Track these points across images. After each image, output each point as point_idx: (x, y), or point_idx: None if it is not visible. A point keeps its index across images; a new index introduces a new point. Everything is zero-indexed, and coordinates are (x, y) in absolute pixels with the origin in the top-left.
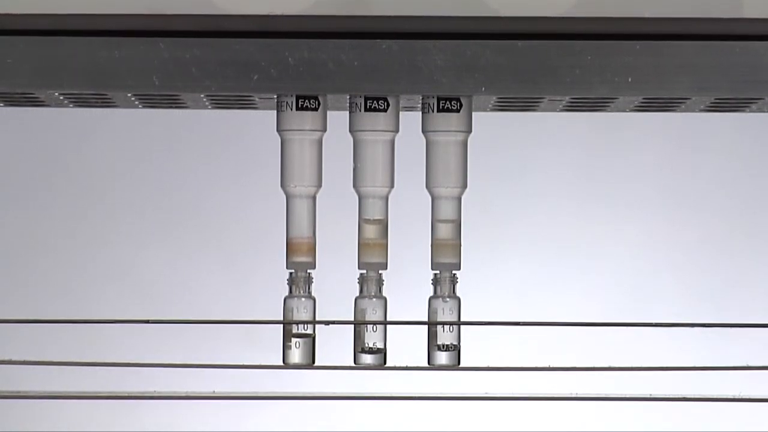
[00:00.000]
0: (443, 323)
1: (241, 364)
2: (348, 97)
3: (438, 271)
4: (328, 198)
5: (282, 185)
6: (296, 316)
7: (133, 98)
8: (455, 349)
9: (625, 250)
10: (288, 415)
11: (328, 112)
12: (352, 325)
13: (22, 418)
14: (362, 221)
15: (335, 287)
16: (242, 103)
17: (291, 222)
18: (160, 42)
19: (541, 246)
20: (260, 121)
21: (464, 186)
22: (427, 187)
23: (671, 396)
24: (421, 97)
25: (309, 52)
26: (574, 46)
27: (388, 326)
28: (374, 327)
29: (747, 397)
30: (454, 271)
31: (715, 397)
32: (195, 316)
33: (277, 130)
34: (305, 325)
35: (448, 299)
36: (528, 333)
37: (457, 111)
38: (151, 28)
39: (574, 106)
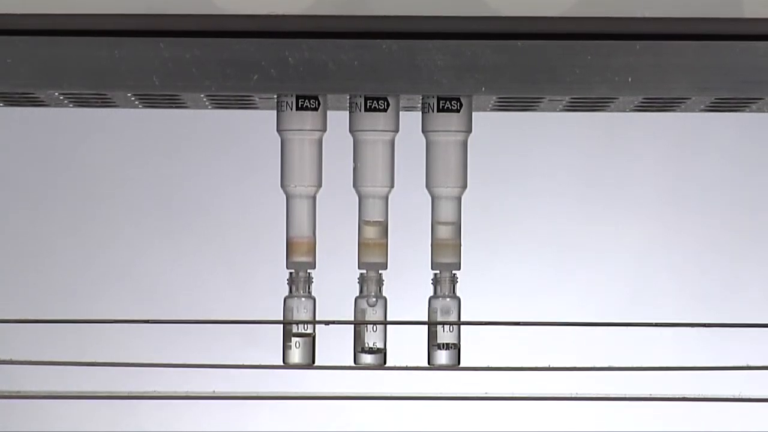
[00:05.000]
0: (443, 323)
1: (241, 364)
2: (348, 97)
3: (438, 271)
4: (328, 198)
5: (282, 185)
6: (296, 316)
7: (133, 98)
8: (455, 347)
9: (625, 250)
10: (288, 415)
11: (328, 112)
12: (352, 325)
13: (22, 418)
14: (362, 222)
15: (335, 287)
16: (242, 103)
17: (291, 222)
18: (160, 42)
19: (541, 246)
20: (260, 121)
21: (464, 186)
22: (427, 187)
23: (671, 396)
24: (421, 97)
25: (309, 52)
26: (574, 46)
27: (388, 326)
28: (374, 327)
29: (747, 397)
30: (454, 271)
31: (715, 397)
32: (195, 316)
33: (277, 130)
34: (305, 325)
35: (448, 299)
36: (528, 333)
37: (457, 111)
38: (151, 28)
39: (574, 106)
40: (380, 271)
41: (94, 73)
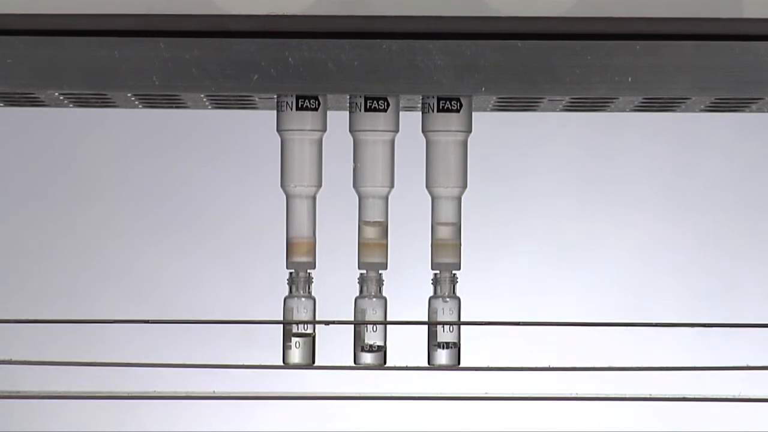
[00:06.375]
0: (443, 323)
1: (241, 364)
2: (348, 97)
3: (438, 271)
4: (328, 198)
5: (282, 185)
6: (296, 316)
7: (133, 98)
8: (455, 347)
9: (625, 250)
10: (288, 415)
11: (328, 112)
12: (352, 325)
13: (22, 418)
14: (362, 222)
15: (335, 287)
16: (242, 103)
17: (291, 222)
18: (160, 42)
19: (541, 246)
20: (260, 121)
21: (464, 186)
22: (427, 187)
23: (671, 396)
24: (421, 97)
25: (309, 52)
26: (574, 46)
27: (388, 326)
28: (374, 327)
29: (747, 397)
30: (454, 271)
31: (715, 397)
32: (195, 316)
33: (277, 130)
34: (305, 325)
35: (448, 299)
36: (528, 333)
37: (457, 111)
38: (151, 28)
39: (574, 106)
40: (380, 271)
41: (94, 73)
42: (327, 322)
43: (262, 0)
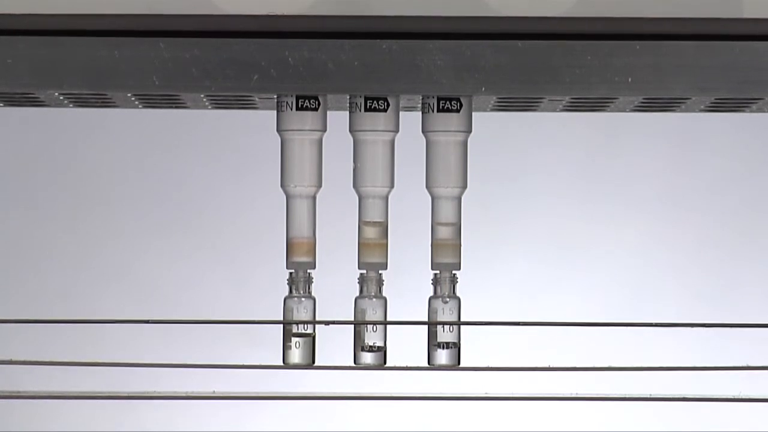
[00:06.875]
0: (443, 323)
1: (241, 364)
2: (348, 97)
3: (438, 271)
4: (328, 198)
5: (282, 185)
6: (296, 316)
7: (133, 98)
8: (455, 347)
9: (625, 250)
10: (288, 415)
11: (328, 112)
12: (352, 325)
13: (22, 418)
14: (362, 222)
15: (335, 287)
16: (242, 103)
17: (291, 222)
18: (160, 42)
19: (541, 246)
20: (260, 121)
21: (464, 186)
22: (427, 187)
23: (671, 396)
24: (421, 97)
25: (309, 52)
26: (574, 46)
27: (388, 326)
28: (374, 327)
29: (747, 397)
30: (454, 271)
31: (715, 397)
32: (195, 316)
33: (277, 130)
34: (305, 325)
35: (448, 299)
36: (528, 333)
37: (457, 111)
38: (151, 28)
39: (574, 106)
40: (380, 271)
41: (94, 73)
42: (327, 322)
43: (262, 0)
